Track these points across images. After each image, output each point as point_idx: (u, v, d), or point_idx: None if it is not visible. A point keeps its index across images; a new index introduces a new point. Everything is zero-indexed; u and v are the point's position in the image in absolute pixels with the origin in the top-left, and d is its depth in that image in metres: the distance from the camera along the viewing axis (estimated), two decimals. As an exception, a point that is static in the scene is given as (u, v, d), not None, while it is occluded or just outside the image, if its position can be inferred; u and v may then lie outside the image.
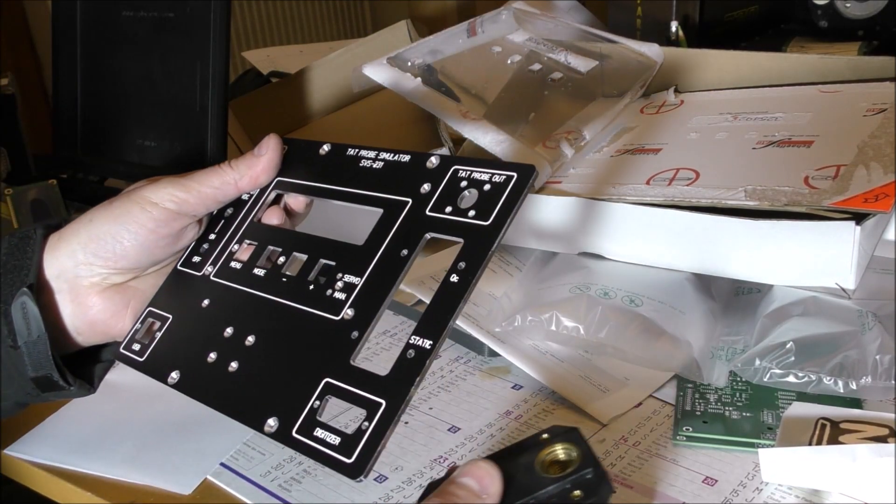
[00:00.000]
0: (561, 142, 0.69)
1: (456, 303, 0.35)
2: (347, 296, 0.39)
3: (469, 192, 0.38)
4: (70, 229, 0.46)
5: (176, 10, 0.77)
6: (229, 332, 0.42)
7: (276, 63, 1.19)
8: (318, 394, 0.36)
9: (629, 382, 0.58)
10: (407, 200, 0.41)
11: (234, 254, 0.46)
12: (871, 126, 0.61)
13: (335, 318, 0.39)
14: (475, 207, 0.38)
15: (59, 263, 0.45)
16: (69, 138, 0.90)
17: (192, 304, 0.45)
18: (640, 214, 0.58)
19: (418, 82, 0.72)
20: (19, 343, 0.43)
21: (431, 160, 0.41)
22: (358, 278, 0.39)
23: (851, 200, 0.52)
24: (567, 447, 0.36)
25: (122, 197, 0.45)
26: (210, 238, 0.47)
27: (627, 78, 0.77)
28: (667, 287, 0.62)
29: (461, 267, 0.36)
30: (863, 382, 0.52)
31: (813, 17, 0.92)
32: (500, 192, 0.38)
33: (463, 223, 0.38)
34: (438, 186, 0.40)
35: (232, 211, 0.48)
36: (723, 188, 0.57)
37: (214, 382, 0.41)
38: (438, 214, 0.39)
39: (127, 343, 0.46)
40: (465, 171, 0.39)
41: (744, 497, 0.47)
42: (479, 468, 0.34)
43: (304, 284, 0.41)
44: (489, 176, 0.38)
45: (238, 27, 2.45)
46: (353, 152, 0.45)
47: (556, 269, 0.67)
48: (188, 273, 0.47)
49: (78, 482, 0.54)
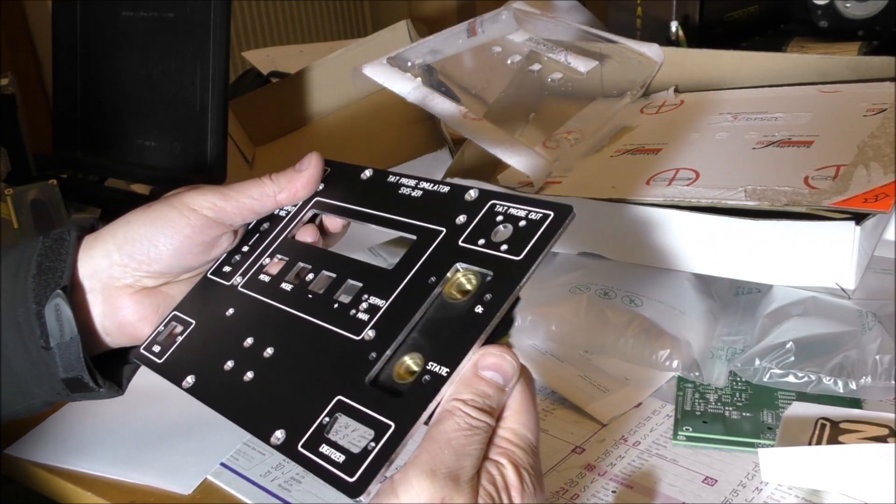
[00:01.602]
0: (561, 142, 0.69)
1: (477, 334, 0.36)
2: (370, 317, 0.39)
3: (504, 227, 0.39)
4: (107, 230, 0.46)
5: (176, 10, 0.77)
6: (249, 343, 0.42)
7: (276, 63, 1.19)
8: (329, 410, 0.37)
9: (629, 382, 0.58)
10: (441, 230, 0.41)
11: (265, 267, 0.46)
12: (871, 126, 0.61)
13: (356, 337, 0.39)
14: (508, 242, 0.38)
15: (93, 263, 0.45)
16: (69, 138, 0.90)
17: (217, 312, 0.45)
18: (640, 214, 0.58)
19: (418, 82, 0.72)
20: (52, 344, 0.43)
21: (470, 193, 0.41)
22: (383, 301, 0.40)
23: (851, 200, 0.52)
24: (467, 275, 0.38)
25: (161, 201, 0.46)
26: (243, 250, 0.48)
27: (627, 78, 0.77)
28: (667, 287, 0.62)
29: (487, 299, 0.36)
30: (863, 382, 0.52)
31: (813, 17, 0.92)
32: (535, 229, 0.38)
33: (494, 256, 0.38)
34: (474, 219, 0.40)
35: (268, 225, 0.48)
36: (723, 188, 0.57)
37: (228, 390, 0.41)
38: (471, 246, 0.39)
39: (148, 344, 0.46)
40: (502, 206, 0.40)
41: (744, 497, 0.47)
42: (504, 361, 0.35)
43: (328, 302, 0.42)
44: (526, 213, 0.39)
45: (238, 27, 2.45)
46: (393, 179, 0.46)
47: (556, 269, 0.67)
48: (217, 281, 0.47)
49: (78, 482, 0.54)
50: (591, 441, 0.53)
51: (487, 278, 0.37)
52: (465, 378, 0.35)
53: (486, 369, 0.35)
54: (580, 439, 0.53)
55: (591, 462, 0.51)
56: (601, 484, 0.49)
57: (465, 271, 0.38)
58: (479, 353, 0.35)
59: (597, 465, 0.51)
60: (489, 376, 0.35)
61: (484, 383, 0.35)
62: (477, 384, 0.35)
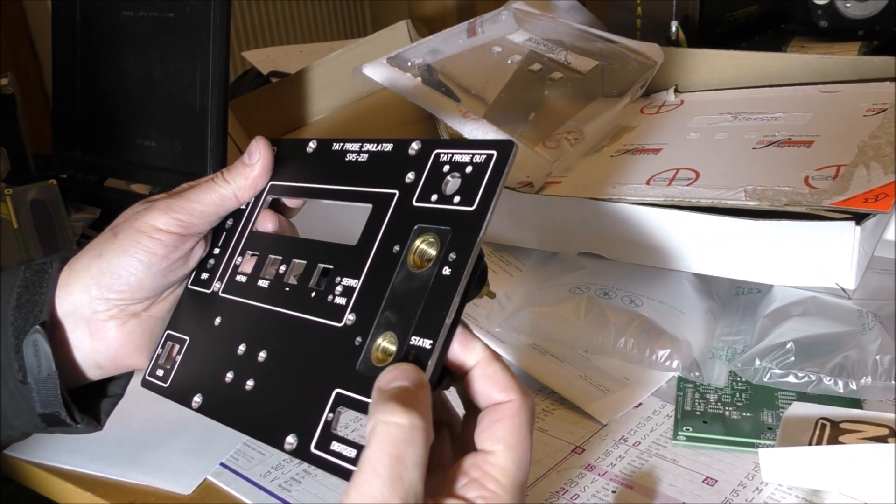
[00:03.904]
0: (561, 142, 0.69)
1: (451, 296, 0.34)
2: (347, 300, 0.38)
3: (452, 177, 0.37)
4: (80, 264, 0.45)
5: (176, 10, 0.77)
6: (242, 350, 0.41)
7: (276, 63, 1.19)
8: (331, 406, 0.35)
9: (629, 382, 0.58)
10: (394, 192, 0.39)
11: (238, 267, 0.45)
12: (871, 126, 0.61)
13: (338, 324, 0.37)
14: (459, 192, 0.36)
15: (72, 299, 0.44)
16: (69, 138, 0.90)
17: (206, 324, 0.44)
18: (640, 214, 0.58)
19: (418, 82, 0.72)
20: (29, 379, 0.43)
21: (413, 146, 0.39)
22: (355, 280, 0.38)
23: (851, 200, 0.52)
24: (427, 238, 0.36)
25: (125, 227, 0.45)
26: (215, 252, 0.47)
27: (627, 78, 0.77)
28: (667, 287, 0.63)
29: (452, 258, 0.35)
30: (863, 382, 0.52)
31: (813, 17, 0.92)
32: (482, 173, 0.36)
33: (449, 211, 0.36)
34: (423, 174, 0.38)
35: (232, 222, 0.47)
36: (723, 188, 0.57)
37: (233, 403, 0.40)
38: (425, 204, 0.37)
39: (151, 370, 0.45)
40: (446, 155, 0.38)
41: (744, 497, 0.47)
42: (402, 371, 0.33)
43: (306, 292, 0.40)
44: (470, 157, 0.37)
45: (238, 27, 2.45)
46: (338, 146, 0.44)
47: (556, 269, 0.67)
48: (198, 291, 0.46)
49: (78, 482, 0.54)
50: (591, 441, 0.53)
51: (448, 237, 0.35)
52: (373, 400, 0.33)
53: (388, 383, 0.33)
54: (580, 439, 0.53)
55: (591, 462, 0.51)
56: (601, 484, 0.49)
57: (424, 235, 0.36)
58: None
59: (597, 465, 0.51)
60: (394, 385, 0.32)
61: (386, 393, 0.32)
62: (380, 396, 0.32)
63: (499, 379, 0.34)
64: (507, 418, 0.33)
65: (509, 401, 0.34)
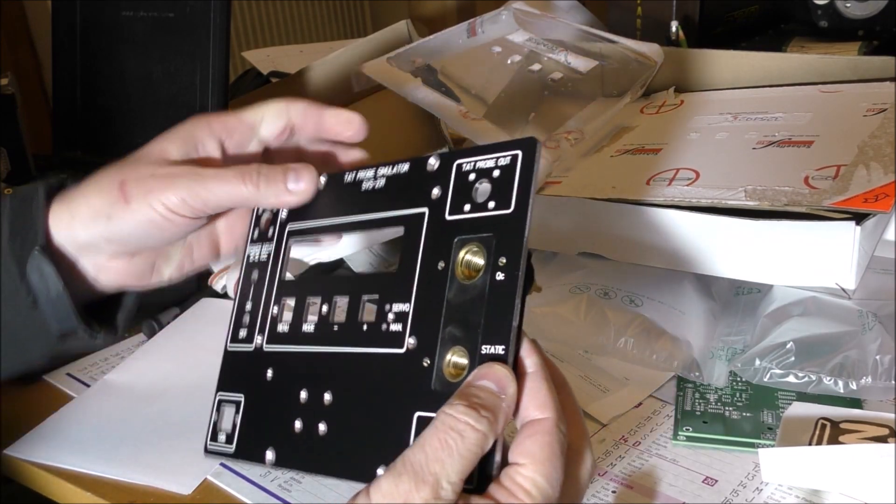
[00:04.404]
0: (561, 142, 0.69)
1: (512, 300, 0.34)
2: (403, 325, 0.37)
3: (481, 184, 0.37)
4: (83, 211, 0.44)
5: (176, 10, 0.77)
6: (304, 397, 0.40)
7: (276, 63, 1.19)
8: (415, 430, 0.35)
9: (629, 382, 0.58)
10: (423, 211, 0.39)
11: (276, 317, 0.44)
12: (871, 126, 0.61)
13: (400, 350, 0.37)
14: (493, 198, 0.36)
15: (74, 237, 0.44)
16: (69, 138, 0.90)
17: (258, 379, 0.43)
18: (640, 214, 0.58)
19: (418, 82, 0.72)
20: (40, 302, 0.43)
21: (430, 161, 0.39)
22: (406, 305, 0.38)
23: (851, 200, 0.52)
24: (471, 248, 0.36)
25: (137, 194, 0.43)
26: (247, 309, 0.46)
27: (627, 78, 0.77)
28: (667, 287, 0.63)
29: (502, 263, 0.35)
30: (863, 382, 0.52)
31: (813, 17, 0.92)
32: (512, 174, 0.36)
33: (487, 217, 0.36)
34: (448, 187, 0.38)
35: (258, 275, 0.46)
36: (723, 188, 0.57)
37: (310, 450, 0.39)
38: (459, 216, 0.37)
39: (211, 436, 0.45)
40: (468, 164, 0.38)
41: (744, 497, 0.47)
42: (495, 371, 0.34)
43: (357, 326, 0.40)
44: (494, 161, 0.37)
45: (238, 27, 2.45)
46: (350, 177, 0.43)
47: (556, 269, 0.67)
48: (240, 350, 0.45)
49: (78, 482, 0.54)
50: (590, 441, 0.53)
51: (493, 242, 0.35)
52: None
53: (477, 380, 0.34)
54: (580, 439, 0.53)
55: (591, 462, 0.51)
56: (601, 484, 0.49)
57: (467, 246, 0.36)
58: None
59: (596, 465, 0.51)
60: (480, 383, 0.34)
61: (473, 388, 0.33)
62: (465, 389, 0.34)
63: (540, 396, 0.34)
64: (539, 434, 0.34)
65: (545, 418, 0.34)
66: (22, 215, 0.44)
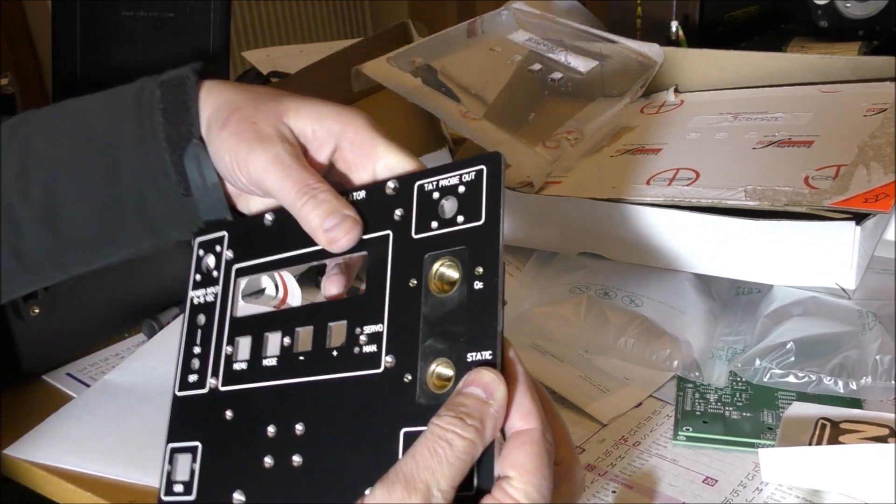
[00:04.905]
0: (561, 142, 0.69)
1: (494, 306, 0.34)
2: (377, 345, 0.37)
3: (447, 201, 0.37)
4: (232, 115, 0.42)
5: (176, 10, 0.77)
6: (273, 431, 0.40)
7: (276, 63, 1.19)
8: (402, 446, 0.35)
9: (629, 382, 0.58)
10: (387, 233, 0.39)
11: (231, 356, 0.43)
12: (871, 126, 0.61)
13: (377, 371, 0.37)
14: (461, 212, 0.37)
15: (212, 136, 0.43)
16: (69, 138, 0.90)
17: (216, 422, 0.42)
18: (640, 214, 0.58)
19: (418, 82, 0.72)
20: (193, 191, 0.43)
21: (388, 185, 0.40)
22: (379, 325, 0.38)
23: (851, 200, 0.52)
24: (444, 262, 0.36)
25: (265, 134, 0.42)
26: (195, 352, 0.44)
27: (627, 78, 0.77)
28: (667, 287, 0.63)
29: (479, 272, 0.35)
30: (863, 382, 0.52)
31: (813, 17, 0.92)
32: (478, 188, 0.36)
33: (457, 231, 0.37)
34: (412, 207, 0.38)
35: (205, 318, 0.45)
36: (723, 188, 0.57)
37: (286, 484, 0.38)
38: (427, 234, 0.37)
39: (166, 489, 0.43)
40: (430, 184, 0.38)
41: (744, 497, 0.47)
42: (482, 376, 0.34)
43: (325, 354, 0.39)
44: (458, 178, 0.37)
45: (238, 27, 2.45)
46: None
47: (556, 269, 0.67)
48: (191, 395, 0.44)
49: (78, 482, 0.54)
50: (591, 441, 0.53)
51: (466, 254, 0.36)
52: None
53: (465, 388, 0.34)
54: (580, 439, 0.53)
55: (591, 462, 0.51)
56: (601, 484, 0.49)
57: (440, 261, 0.37)
58: None
59: (597, 465, 0.51)
60: (467, 390, 0.33)
61: (460, 396, 0.33)
62: (453, 399, 0.33)
63: (525, 405, 0.34)
64: (526, 445, 0.34)
65: (531, 429, 0.34)
66: (176, 102, 0.44)
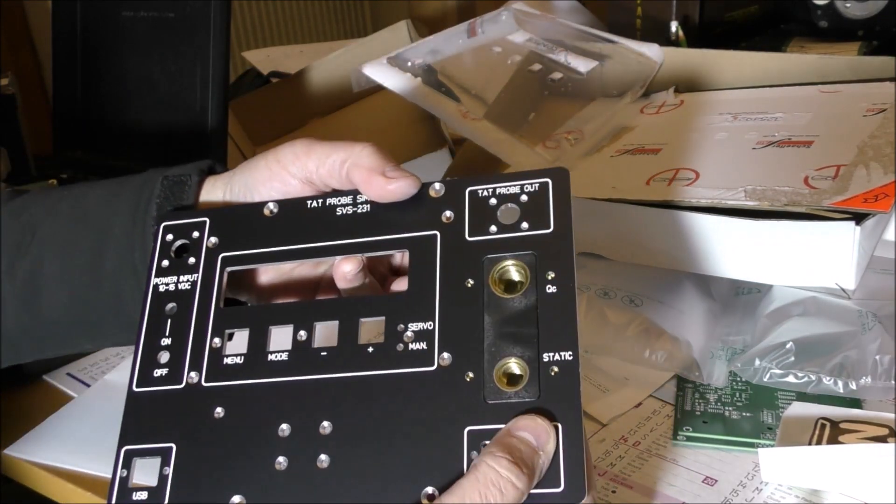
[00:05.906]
0: (561, 142, 0.69)
1: (571, 307, 0.35)
2: (429, 343, 0.36)
3: (507, 207, 0.38)
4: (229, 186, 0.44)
5: (176, 10, 0.77)
6: (287, 429, 0.37)
7: (276, 63, 1.19)
8: (468, 445, 0.34)
9: (629, 382, 0.58)
10: (434, 233, 0.38)
11: (219, 349, 0.40)
12: (871, 126, 0.61)
13: (429, 368, 0.36)
14: (525, 219, 0.37)
15: None
16: (69, 138, 0.90)
17: (198, 421, 0.39)
18: (641, 214, 0.58)
19: (418, 82, 0.72)
20: None
21: (434, 187, 0.39)
22: (429, 323, 0.37)
23: (851, 200, 0.52)
24: (506, 265, 0.37)
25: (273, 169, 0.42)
26: (163, 344, 0.40)
27: (627, 78, 0.77)
28: (667, 287, 0.63)
29: (551, 276, 0.36)
30: (863, 382, 0.52)
31: (813, 17, 0.92)
32: (544, 198, 0.38)
33: (523, 237, 0.37)
34: (464, 211, 0.39)
35: (177, 308, 0.41)
36: (723, 188, 0.57)
37: (308, 485, 0.36)
38: (484, 237, 0.38)
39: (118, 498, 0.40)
40: (485, 190, 0.38)
41: (744, 497, 0.47)
42: (537, 424, 0.33)
43: (357, 350, 0.37)
44: (519, 188, 0.38)
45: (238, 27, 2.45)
46: (317, 204, 0.41)
47: (556, 269, 0.67)
48: (159, 392, 0.40)
49: (78, 482, 0.54)
50: (591, 441, 0.53)
51: (535, 259, 0.36)
52: (496, 437, 0.33)
53: (518, 430, 0.33)
54: (580, 439, 0.53)
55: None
56: (601, 484, 0.49)
57: (501, 264, 0.37)
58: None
59: (597, 465, 0.51)
60: (521, 434, 0.33)
61: (515, 439, 0.33)
62: (507, 439, 0.33)
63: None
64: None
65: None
66: (171, 198, 0.44)
